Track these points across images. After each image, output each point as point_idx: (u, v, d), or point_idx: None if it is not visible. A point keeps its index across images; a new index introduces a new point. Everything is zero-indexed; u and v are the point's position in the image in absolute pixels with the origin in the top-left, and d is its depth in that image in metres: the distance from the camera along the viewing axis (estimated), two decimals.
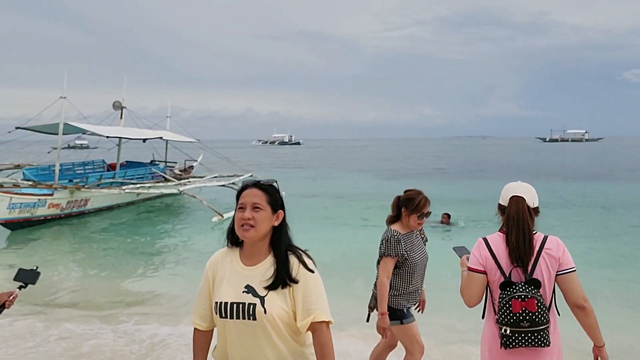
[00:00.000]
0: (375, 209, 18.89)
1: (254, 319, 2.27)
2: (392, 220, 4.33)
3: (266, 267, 2.35)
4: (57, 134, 16.84)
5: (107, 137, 18.63)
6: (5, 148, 17.83)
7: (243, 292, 2.30)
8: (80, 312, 7.56)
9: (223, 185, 20.25)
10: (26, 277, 3.47)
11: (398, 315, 4.25)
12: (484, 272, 2.98)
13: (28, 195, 14.67)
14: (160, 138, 22.04)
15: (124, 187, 17.61)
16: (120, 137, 19.80)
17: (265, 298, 2.28)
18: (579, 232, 14.37)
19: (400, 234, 4.20)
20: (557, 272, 2.88)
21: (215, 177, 23.08)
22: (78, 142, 44.18)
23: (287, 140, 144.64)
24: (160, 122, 24.90)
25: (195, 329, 2.50)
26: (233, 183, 20.46)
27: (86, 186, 16.77)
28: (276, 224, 2.40)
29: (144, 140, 21.36)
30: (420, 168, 44.45)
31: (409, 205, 4.22)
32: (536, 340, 2.83)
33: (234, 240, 2.44)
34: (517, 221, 2.92)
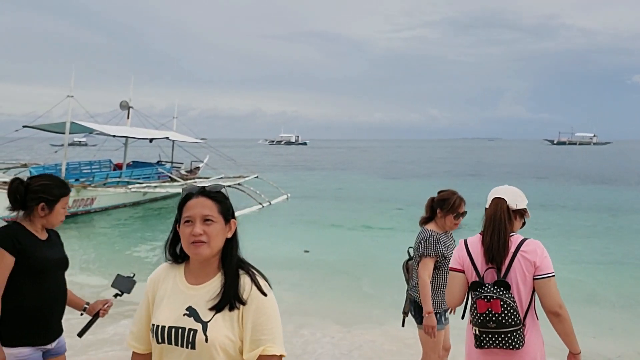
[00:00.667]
0: (380, 211, 18.87)
1: (193, 347, 1.94)
2: (425, 221, 4.30)
3: (214, 287, 2.02)
4: (64, 132, 16.90)
5: (114, 136, 18.69)
6: (13, 145, 17.94)
7: (184, 315, 1.98)
8: None
9: (229, 186, 20.24)
10: (122, 285, 3.30)
11: None
12: (463, 272, 3.02)
13: None
14: (167, 138, 22.08)
15: (130, 187, 17.65)
16: (127, 137, 19.84)
17: (208, 324, 1.96)
18: (586, 235, 14.30)
19: (438, 233, 4.17)
20: (533, 276, 2.85)
21: (221, 177, 23.10)
22: (77, 139, 44.11)
23: (293, 141, 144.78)
24: (167, 122, 24.99)
25: (133, 352, 2.16)
26: (239, 184, 20.46)
27: (93, 185, 16.82)
28: (229, 235, 2.08)
29: (151, 140, 21.42)
30: (426, 170, 44.34)
31: (445, 206, 4.19)
32: (505, 341, 2.82)
33: (175, 255, 2.12)
34: (493, 222, 2.95)
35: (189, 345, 1.95)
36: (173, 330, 1.97)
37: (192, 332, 1.95)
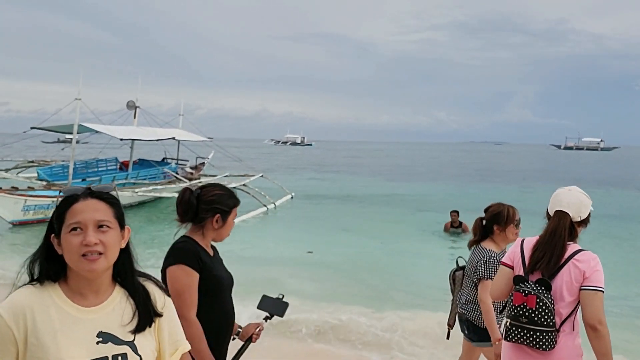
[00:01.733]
0: (385, 213, 18.92)
1: None
2: (475, 242, 4.13)
3: (118, 305, 1.73)
4: (71, 133, 17.07)
5: (121, 139, 18.82)
6: (21, 142, 18.17)
7: (98, 343, 1.64)
8: None
9: (234, 187, 20.29)
10: (272, 308, 3.09)
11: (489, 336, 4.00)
12: (512, 267, 3.05)
13: (42, 197, 14.92)
14: (173, 138, 22.19)
15: (136, 190, 17.77)
16: (133, 140, 19.95)
17: (135, 343, 1.70)
18: (594, 242, 14.29)
19: (497, 253, 3.98)
20: (581, 286, 2.82)
21: (227, 176, 23.22)
22: (69, 136, 44.13)
23: (299, 142, 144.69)
24: (173, 121, 25.12)
25: None
26: (244, 184, 20.53)
27: None
28: (123, 245, 1.75)
29: (157, 140, 21.55)
30: (432, 173, 44.29)
31: (500, 219, 4.00)
32: (533, 339, 2.83)
33: (48, 274, 1.67)
34: (553, 237, 2.94)
35: None
36: None
37: (123, 356, 1.66)
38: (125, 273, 1.76)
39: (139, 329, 1.72)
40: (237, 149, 30.98)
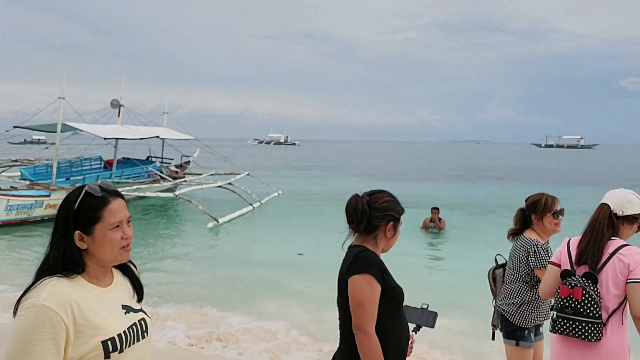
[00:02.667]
0: None
1: (147, 334, 2.02)
2: (516, 232, 4.07)
3: (121, 282, 2.05)
4: (54, 132, 16.91)
5: (105, 138, 18.69)
6: (3, 142, 17.97)
7: (125, 313, 1.96)
8: None
9: (219, 187, 20.29)
10: (420, 319, 2.97)
11: (518, 334, 3.91)
12: (559, 266, 3.15)
13: (25, 197, 14.76)
14: (157, 137, 22.08)
15: (120, 189, 17.64)
16: (117, 138, 19.83)
17: (143, 309, 2.08)
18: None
19: (542, 243, 3.93)
20: (626, 279, 2.88)
21: (212, 174, 23.14)
22: (35, 137, 43.12)
23: (282, 141, 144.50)
24: (157, 119, 25.00)
25: None
26: (230, 183, 20.50)
27: None
28: None
29: (141, 139, 21.42)
30: (415, 171, 44.60)
31: (537, 208, 3.96)
32: (578, 330, 2.90)
33: (73, 267, 1.87)
34: (592, 227, 3.07)
35: (145, 334, 1.99)
36: (131, 330, 1.94)
37: (143, 322, 2.01)
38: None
39: (139, 299, 2.09)
40: (220, 149, 30.82)
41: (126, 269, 2.10)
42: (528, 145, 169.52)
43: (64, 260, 1.85)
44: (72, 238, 1.87)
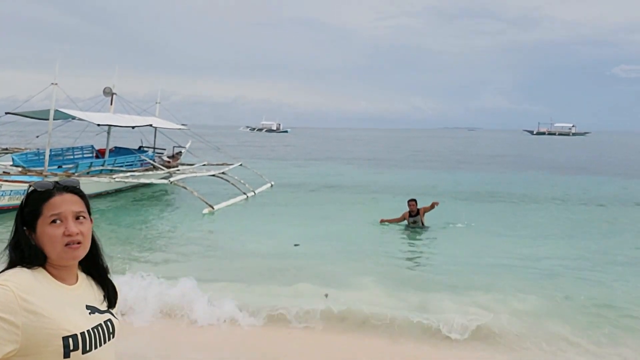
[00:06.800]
0: (362, 201, 19.08)
1: (114, 336, 1.91)
2: None
3: (86, 283, 1.95)
4: (47, 119, 16.79)
5: (98, 125, 18.61)
6: None
7: (89, 314, 1.86)
8: None
9: (213, 175, 20.28)
10: None
11: None
12: None
13: (18, 183, 14.68)
14: (150, 125, 22.00)
15: (113, 176, 17.62)
16: (110, 125, 19.75)
17: (110, 311, 1.96)
18: (559, 228, 14.63)
19: None
20: None
21: (205, 165, 23.11)
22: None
23: (274, 128, 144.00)
24: (150, 108, 24.86)
25: None
26: (223, 172, 20.50)
27: (76, 173, 16.76)
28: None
29: (134, 127, 21.34)
30: (408, 160, 44.67)
31: None
32: None
33: (37, 259, 1.80)
34: None
35: (111, 336, 1.89)
36: (96, 330, 1.83)
37: (109, 322, 1.91)
38: (96, 262, 1.98)
39: (111, 305, 1.98)
40: (211, 137, 30.79)
41: (106, 270, 2.01)
42: (520, 132, 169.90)
43: (17, 253, 1.80)
44: (23, 233, 1.82)
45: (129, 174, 18.40)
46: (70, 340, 1.73)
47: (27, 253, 1.79)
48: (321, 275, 9.24)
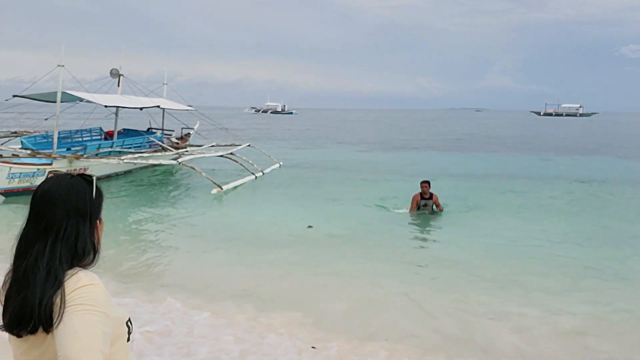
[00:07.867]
0: (371, 182, 19.01)
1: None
2: None
3: None
4: (54, 102, 16.72)
5: (106, 106, 18.53)
6: (2, 111, 17.79)
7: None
8: None
9: (221, 156, 20.26)
10: None
11: None
12: None
13: (27, 165, 14.66)
14: (158, 107, 21.92)
15: (122, 157, 17.59)
16: (118, 107, 19.68)
17: None
18: (566, 206, 14.50)
19: None
20: None
21: (213, 146, 23.08)
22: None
23: (279, 110, 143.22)
24: (157, 89, 24.71)
25: None
26: (231, 153, 20.48)
27: (85, 155, 16.75)
28: None
29: (141, 108, 21.25)
30: (417, 141, 44.47)
31: None
32: None
33: (94, 260, 1.83)
34: None
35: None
36: (129, 323, 1.84)
37: (129, 322, 1.87)
38: None
39: None
40: (218, 119, 30.63)
41: None
42: (527, 113, 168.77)
43: (94, 250, 1.80)
44: (96, 229, 1.80)
45: (137, 155, 18.37)
46: (129, 324, 1.80)
47: (95, 251, 1.79)
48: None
